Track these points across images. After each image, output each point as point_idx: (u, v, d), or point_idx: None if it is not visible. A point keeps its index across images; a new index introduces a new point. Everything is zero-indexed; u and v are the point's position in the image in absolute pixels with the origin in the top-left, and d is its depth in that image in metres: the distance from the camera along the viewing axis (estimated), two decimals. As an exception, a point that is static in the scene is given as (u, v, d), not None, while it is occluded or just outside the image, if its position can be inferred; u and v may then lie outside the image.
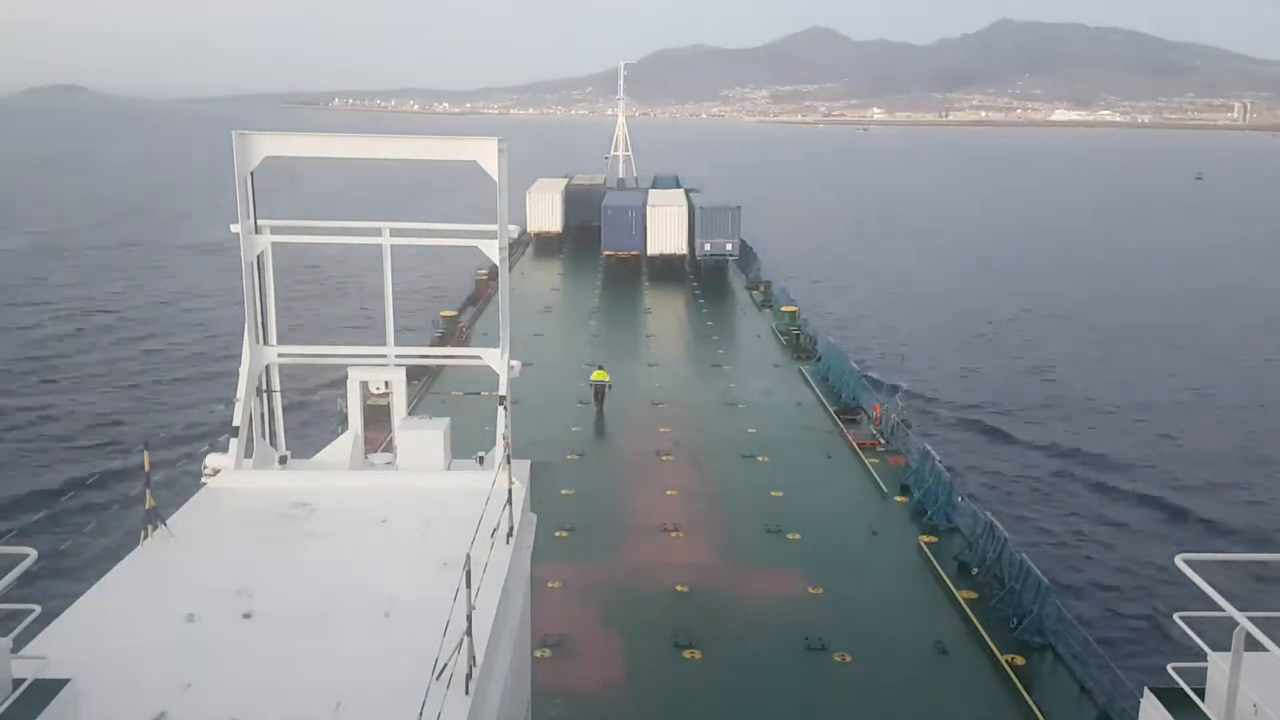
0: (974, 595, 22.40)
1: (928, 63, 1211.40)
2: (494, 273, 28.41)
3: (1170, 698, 7.98)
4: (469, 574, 8.42)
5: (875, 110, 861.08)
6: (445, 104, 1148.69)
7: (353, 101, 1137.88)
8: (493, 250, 14.31)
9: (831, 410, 36.19)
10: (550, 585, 22.16)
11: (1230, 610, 7.27)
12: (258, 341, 14.12)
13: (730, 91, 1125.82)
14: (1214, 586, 7.53)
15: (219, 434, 13.43)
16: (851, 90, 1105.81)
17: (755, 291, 60.04)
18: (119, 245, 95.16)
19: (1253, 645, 7.28)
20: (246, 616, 9.50)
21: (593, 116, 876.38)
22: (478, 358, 14.93)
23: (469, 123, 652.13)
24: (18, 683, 7.18)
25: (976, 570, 23.43)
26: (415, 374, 34.41)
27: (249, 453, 13.35)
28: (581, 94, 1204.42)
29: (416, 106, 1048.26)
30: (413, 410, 14.90)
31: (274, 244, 14.31)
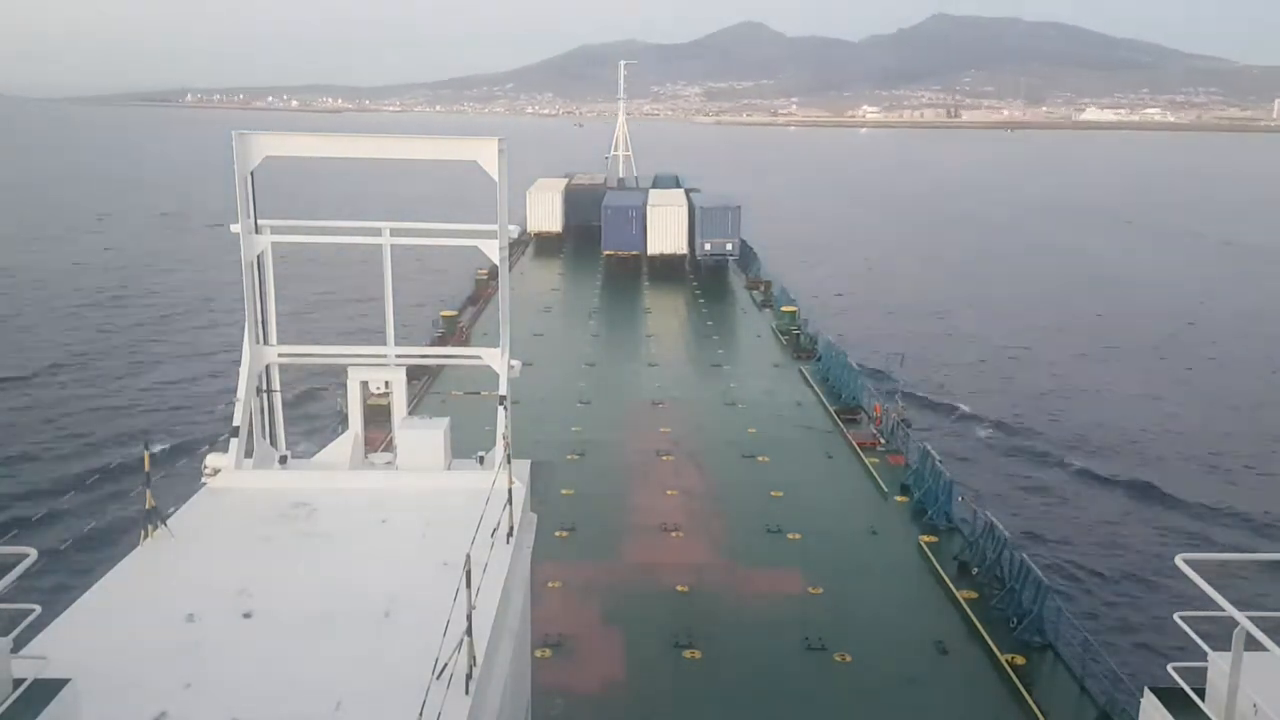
0: (974, 595, 22.40)
1: (865, 58, 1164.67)
2: (494, 272, 28.40)
3: (1170, 697, 7.98)
4: (469, 574, 8.42)
5: (867, 108, 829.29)
6: (339, 100, 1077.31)
7: (218, 97, 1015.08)
8: (493, 250, 14.31)
9: (831, 410, 36.19)
10: (550, 585, 22.17)
11: (1230, 610, 7.27)
12: (258, 341, 14.12)
13: (661, 88, 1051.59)
14: (1214, 586, 7.54)
15: (219, 434, 13.43)
16: (789, 87, 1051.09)
17: (755, 291, 60.04)
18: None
19: (1253, 645, 7.28)
20: (246, 616, 9.50)
21: (508, 115, 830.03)
22: (478, 358, 14.93)
23: (344, 121, 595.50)
24: (18, 683, 7.18)
25: (976, 570, 23.43)
26: (415, 374, 34.42)
27: (249, 453, 13.35)
28: (501, 90, 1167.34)
29: (296, 104, 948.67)
30: (413, 410, 14.89)
31: (274, 244, 14.31)
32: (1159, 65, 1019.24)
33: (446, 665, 8.17)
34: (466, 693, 8.30)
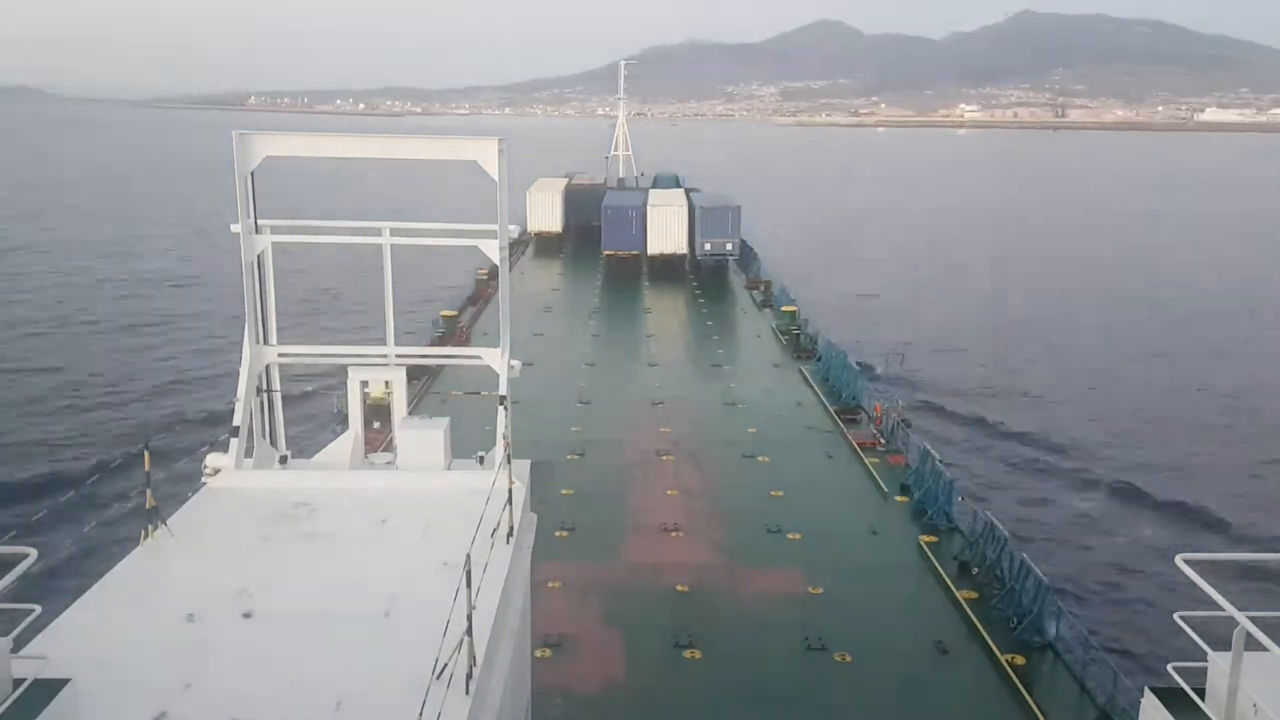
0: (974, 595, 22.40)
1: (945, 56, 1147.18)
2: (494, 272, 28.40)
3: (1170, 697, 7.99)
4: (469, 574, 8.41)
5: (965, 107, 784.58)
6: (406, 103, 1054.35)
7: (285, 100, 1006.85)
8: (493, 250, 14.31)
9: (831, 410, 36.18)
10: (550, 585, 22.16)
11: (1230, 610, 7.27)
12: (258, 341, 14.11)
13: (734, 88, 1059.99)
14: (1214, 586, 7.54)
15: (219, 434, 13.43)
16: (868, 86, 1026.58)
17: (755, 291, 60.05)
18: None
19: (1253, 645, 7.28)
20: (247, 616, 9.50)
21: (580, 117, 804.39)
22: (478, 358, 14.93)
23: (408, 124, 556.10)
24: (18, 682, 7.19)
25: (976, 570, 23.43)
26: (415, 374, 34.41)
27: (249, 452, 13.34)
28: (572, 92, 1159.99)
29: (363, 107, 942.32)
30: (413, 410, 14.89)
31: (274, 243, 14.31)
32: (1252, 61, 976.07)
33: (446, 665, 8.17)
34: (466, 693, 8.30)
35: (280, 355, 14.56)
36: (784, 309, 50.89)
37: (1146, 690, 8.28)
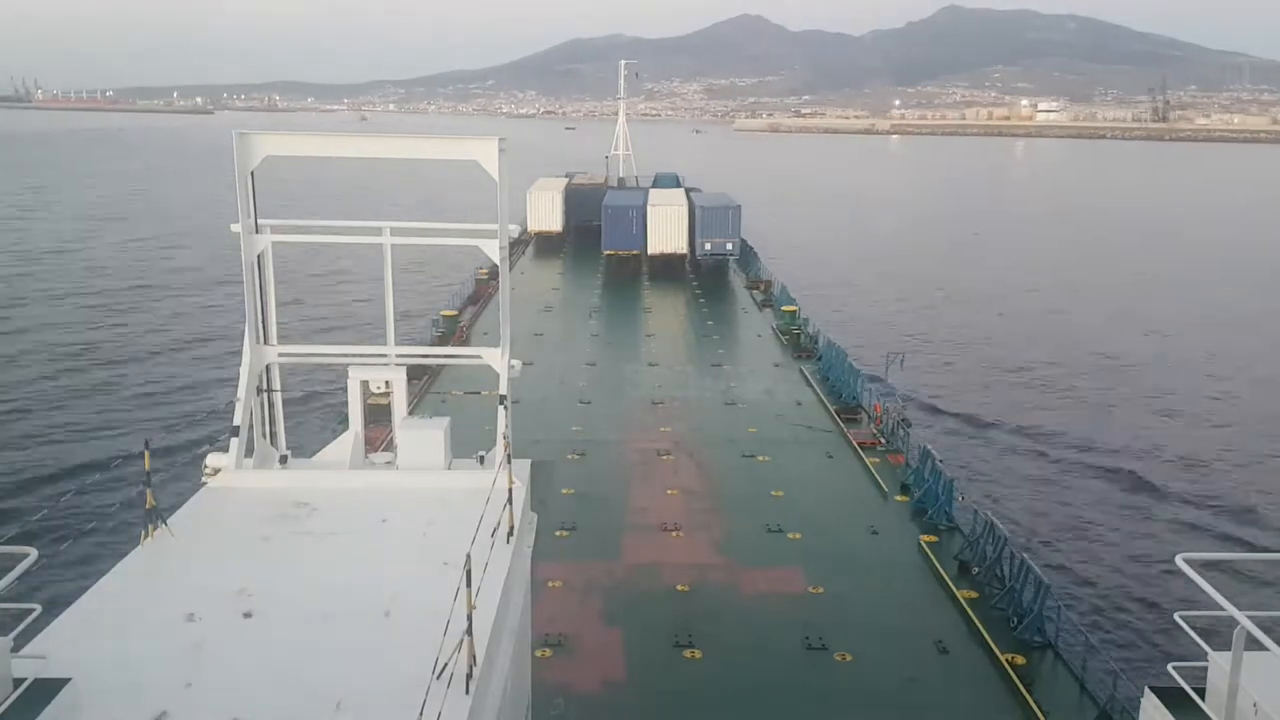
0: (974, 594, 22.40)
1: (874, 52, 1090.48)
2: (494, 272, 28.43)
3: (1171, 697, 8.00)
4: (469, 573, 8.42)
5: (898, 106, 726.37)
6: (309, 98, 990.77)
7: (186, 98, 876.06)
8: (493, 249, 14.32)
9: (832, 409, 36.19)
10: (551, 585, 22.17)
11: (1230, 610, 7.28)
12: (258, 341, 14.12)
13: (656, 86, 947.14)
14: (1214, 586, 7.54)
15: (219, 433, 13.43)
16: (796, 84, 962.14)
17: (756, 291, 60.07)
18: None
19: (1253, 645, 7.29)
20: (247, 616, 9.50)
21: (481, 116, 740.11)
22: (478, 357, 14.93)
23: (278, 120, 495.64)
24: (18, 682, 7.20)
25: (977, 569, 23.43)
26: (415, 373, 34.42)
27: (249, 452, 13.34)
28: (480, 88, 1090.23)
29: (243, 101, 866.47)
30: (413, 410, 14.89)
31: (274, 243, 14.31)
32: (1193, 59, 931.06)
33: (447, 665, 8.18)
34: (467, 692, 8.30)
35: (281, 355, 14.57)
36: (784, 309, 50.93)
37: (1147, 690, 8.29)
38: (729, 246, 63.51)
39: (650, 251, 65.68)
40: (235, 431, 13.13)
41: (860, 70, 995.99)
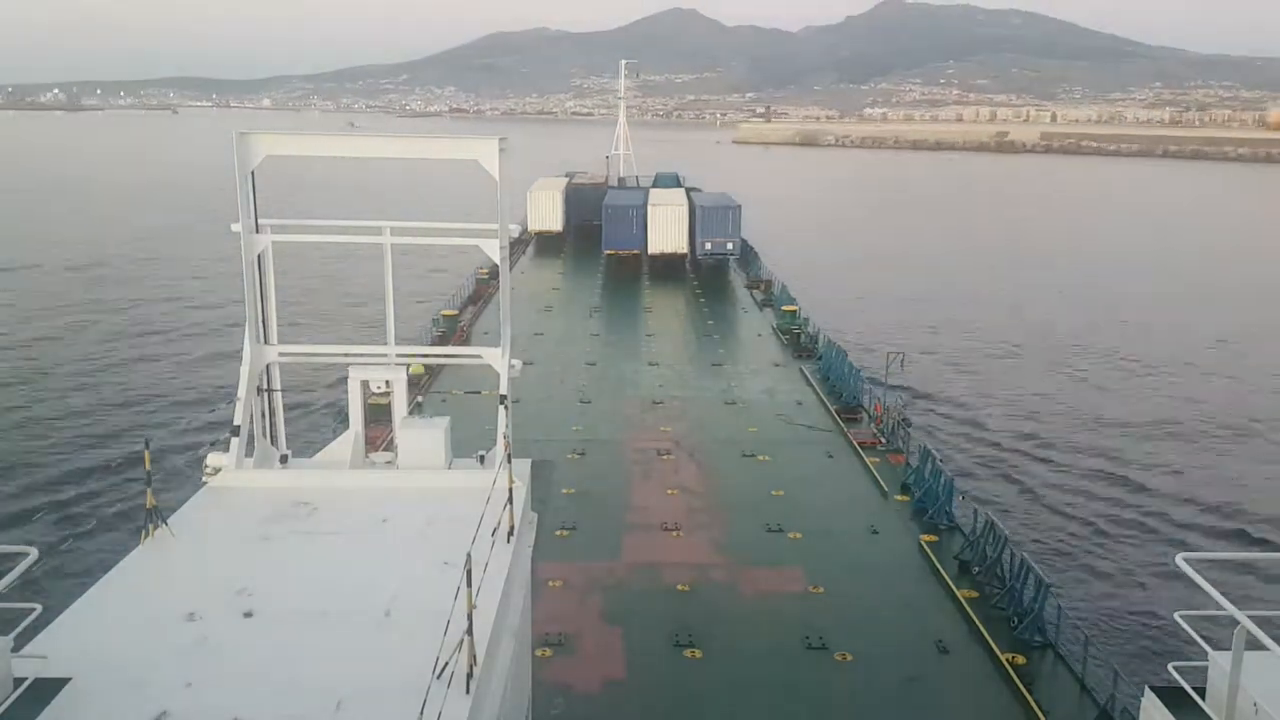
0: (974, 594, 22.40)
1: (815, 48, 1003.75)
2: (494, 271, 28.42)
3: (1171, 696, 8.00)
4: (469, 573, 8.41)
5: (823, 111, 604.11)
6: (211, 95, 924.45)
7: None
8: (493, 249, 14.32)
9: (832, 409, 36.19)
10: (551, 584, 22.18)
11: (1231, 609, 7.28)
12: (258, 340, 14.12)
13: (585, 82, 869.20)
14: (1214, 585, 7.54)
15: (220, 433, 13.42)
16: (736, 81, 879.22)
17: (756, 290, 60.07)
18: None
19: (1253, 644, 7.29)
20: (247, 615, 9.50)
21: (385, 115, 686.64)
22: (478, 357, 14.93)
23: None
24: (18, 682, 7.20)
25: (977, 569, 23.43)
26: (415, 381, 34.40)
27: (250, 452, 13.35)
28: (392, 84, 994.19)
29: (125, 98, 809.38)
30: (413, 409, 14.90)
31: (274, 243, 14.31)
32: (1152, 55, 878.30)
33: (447, 665, 8.18)
34: (467, 692, 8.30)
35: (281, 355, 14.57)
36: (784, 308, 50.94)
37: (1147, 689, 8.29)
38: (729, 246, 63.59)
39: (650, 251, 65.70)
40: (235, 431, 13.13)
41: (801, 67, 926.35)
